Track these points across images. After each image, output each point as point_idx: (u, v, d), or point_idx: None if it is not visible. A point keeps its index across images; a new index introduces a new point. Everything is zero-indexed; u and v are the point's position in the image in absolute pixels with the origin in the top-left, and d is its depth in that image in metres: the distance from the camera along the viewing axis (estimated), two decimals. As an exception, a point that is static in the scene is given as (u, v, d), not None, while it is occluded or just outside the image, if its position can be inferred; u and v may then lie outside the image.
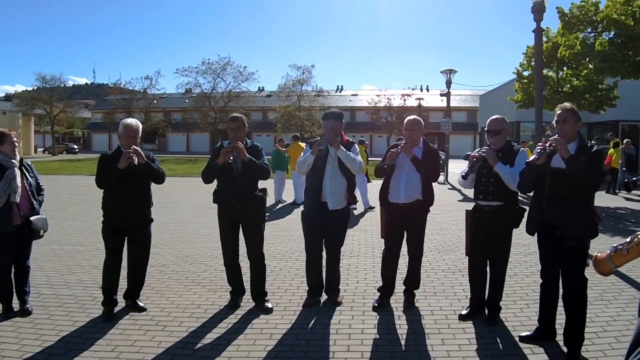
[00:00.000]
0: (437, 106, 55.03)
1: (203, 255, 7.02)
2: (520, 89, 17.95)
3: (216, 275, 5.87)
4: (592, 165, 3.53)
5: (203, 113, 53.14)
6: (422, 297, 5.06)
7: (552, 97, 16.63)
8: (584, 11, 15.25)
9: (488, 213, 4.31)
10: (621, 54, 13.14)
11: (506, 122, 4.42)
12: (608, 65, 13.35)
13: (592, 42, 14.54)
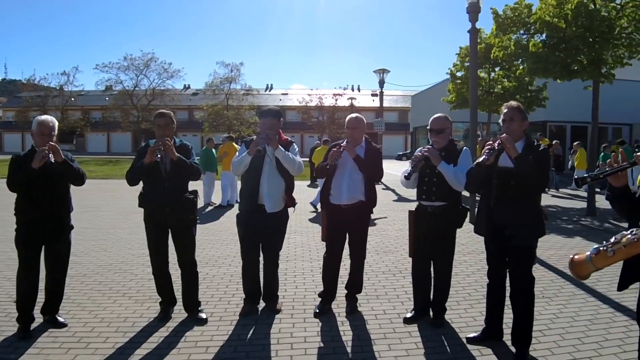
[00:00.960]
0: (368, 106, 56.19)
1: (128, 263, 6.65)
2: (454, 90, 18.62)
3: (143, 284, 5.56)
4: (539, 164, 3.62)
5: (125, 111, 51.06)
6: (364, 301, 5.05)
7: (484, 97, 17.41)
8: (517, 13, 16.05)
9: (431, 213, 4.36)
10: (553, 56, 13.95)
11: (449, 120, 4.49)
12: (541, 66, 14.12)
13: (525, 44, 15.34)
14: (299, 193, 15.25)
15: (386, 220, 10.58)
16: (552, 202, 14.55)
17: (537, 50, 13.94)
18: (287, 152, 4.57)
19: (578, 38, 13.68)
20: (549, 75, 14.54)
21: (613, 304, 4.97)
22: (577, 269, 1.17)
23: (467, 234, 4.28)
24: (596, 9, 14.24)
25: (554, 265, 6.62)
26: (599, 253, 1.17)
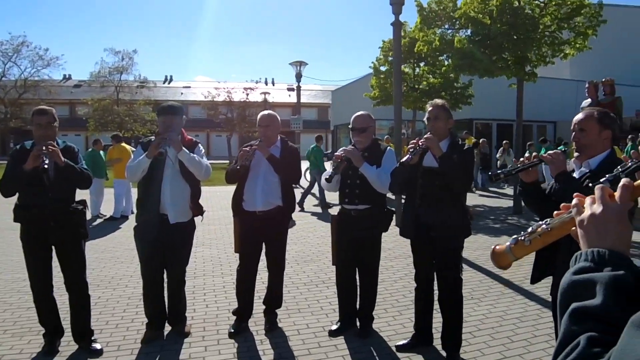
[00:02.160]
0: (284, 102, 56.38)
1: (0, 290, 6.25)
2: (377, 85, 19.22)
3: (21, 314, 5.27)
4: (464, 163, 3.90)
5: (-13, 107, 47.65)
6: (285, 315, 5.14)
7: (409, 94, 18.13)
8: (442, 7, 16.88)
9: (355, 217, 4.51)
10: (479, 52, 14.83)
11: (372, 118, 4.68)
12: (466, 63, 14.97)
13: (450, 39, 16.16)
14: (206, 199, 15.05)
15: (307, 226, 10.73)
16: (479, 201, 15.43)
17: (462, 47, 14.77)
18: (192, 154, 4.52)
19: (503, 35, 14.66)
20: (474, 72, 15.45)
21: (540, 301, 5.43)
22: (498, 259, 1.28)
23: (393, 237, 4.49)
24: (521, 6, 15.35)
25: (482, 266, 7.06)
26: (517, 243, 1.24)
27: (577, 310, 0.94)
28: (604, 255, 0.99)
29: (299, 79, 22.93)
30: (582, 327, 0.91)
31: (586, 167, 2.92)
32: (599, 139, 2.90)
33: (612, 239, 1.02)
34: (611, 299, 0.92)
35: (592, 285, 0.95)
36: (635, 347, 0.76)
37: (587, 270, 0.99)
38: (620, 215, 1.04)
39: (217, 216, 11.91)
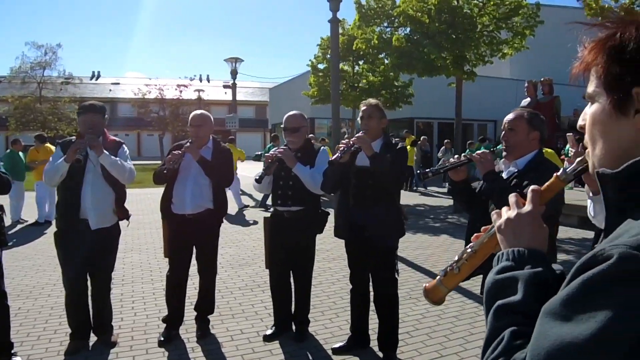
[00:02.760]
0: (220, 99, 55.83)
1: None
2: (315, 83, 19.40)
3: None
4: (396, 163, 4.04)
5: None
6: (218, 321, 5.16)
7: (348, 92, 18.42)
8: (381, 4, 17.23)
9: (288, 219, 4.60)
10: (417, 51, 15.24)
11: (305, 118, 4.78)
12: (405, 62, 15.36)
13: (388, 37, 16.52)
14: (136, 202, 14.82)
15: (242, 229, 10.75)
16: (420, 200, 15.86)
17: (401, 45, 15.16)
18: (114, 157, 4.47)
19: (441, 34, 15.15)
20: (413, 71, 15.90)
21: (478, 299, 5.69)
22: (431, 295, 1.34)
23: (332, 239, 4.63)
24: (459, 6, 15.90)
25: (420, 265, 7.32)
26: (446, 274, 1.31)
27: (501, 307, 1.03)
28: (524, 254, 1.10)
29: (235, 76, 22.84)
30: (506, 322, 1.00)
31: (514, 167, 3.09)
32: (528, 139, 3.08)
33: (528, 239, 1.13)
34: (531, 294, 1.02)
35: (515, 282, 1.05)
36: (548, 333, 0.85)
37: (508, 269, 1.08)
38: (533, 217, 1.16)
39: (148, 220, 11.73)
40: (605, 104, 1.02)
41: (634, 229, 0.88)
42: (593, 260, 0.86)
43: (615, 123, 1.01)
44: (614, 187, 1.00)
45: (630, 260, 0.81)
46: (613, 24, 1.02)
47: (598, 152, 1.06)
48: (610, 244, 0.86)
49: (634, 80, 0.96)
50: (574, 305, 0.84)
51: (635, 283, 0.80)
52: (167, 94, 49.75)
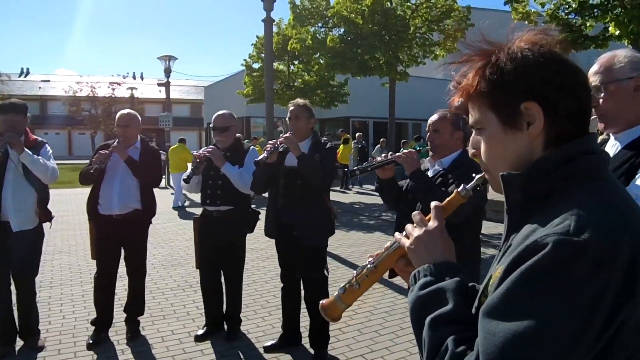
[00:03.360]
0: (154, 98, 54.71)
1: None
2: (250, 82, 19.37)
3: None
4: (325, 163, 4.10)
5: None
6: (148, 323, 5.13)
7: (283, 92, 18.51)
8: (315, 5, 17.37)
9: (217, 219, 4.61)
10: (351, 52, 15.48)
11: (234, 118, 4.79)
12: (339, 62, 15.57)
13: (323, 37, 16.70)
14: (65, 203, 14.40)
15: (175, 229, 10.63)
16: (355, 198, 16.10)
17: (335, 46, 15.36)
18: (36, 156, 4.35)
19: (375, 35, 15.46)
20: (347, 71, 16.14)
21: (409, 293, 5.87)
22: (329, 312, 1.32)
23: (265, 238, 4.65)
24: (392, 8, 16.26)
25: (354, 263, 7.46)
26: (346, 291, 1.31)
27: (435, 320, 1.05)
28: (441, 267, 1.15)
29: (168, 75, 22.45)
30: (445, 332, 1.02)
31: (439, 166, 3.21)
32: (452, 139, 3.20)
33: (441, 253, 1.19)
34: (461, 301, 1.06)
35: (442, 294, 1.08)
36: (496, 331, 0.88)
37: (431, 283, 1.12)
38: (441, 231, 1.22)
39: (77, 221, 11.41)
40: (497, 125, 1.10)
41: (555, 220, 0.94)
42: (526, 252, 0.91)
43: (512, 139, 1.09)
44: (519, 187, 1.07)
45: (565, 245, 0.88)
46: (482, 54, 1.12)
47: (501, 169, 1.11)
48: (540, 234, 0.92)
49: (520, 98, 1.05)
50: (517, 299, 0.89)
51: (572, 267, 0.86)
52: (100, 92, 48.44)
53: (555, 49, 1.09)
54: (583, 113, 1.08)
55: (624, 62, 2.04)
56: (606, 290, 0.86)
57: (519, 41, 1.10)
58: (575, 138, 1.06)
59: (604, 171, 1.07)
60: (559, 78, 1.05)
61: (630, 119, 2.05)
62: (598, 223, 0.90)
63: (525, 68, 1.05)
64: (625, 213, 0.96)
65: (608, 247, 0.87)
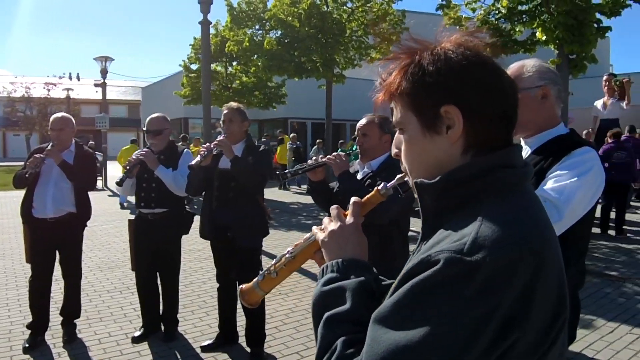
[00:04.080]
0: (91, 98, 53.06)
1: None
2: (188, 84, 19.18)
3: None
4: (258, 165, 4.16)
5: None
6: (85, 325, 5.08)
7: (221, 93, 18.41)
8: (252, 7, 17.37)
9: (152, 221, 4.62)
10: (288, 54, 15.57)
11: (167, 121, 4.81)
12: (276, 64, 15.64)
13: (260, 40, 16.72)
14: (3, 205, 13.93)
15: (112, 231, 10.46)
16: (293, 198, 16.21)
17: (272, 48, 15.44)
18: None
19: (311, 38, 15.62)
20: (284, 73, 16.24)
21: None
22: (247, 297, 1.34)
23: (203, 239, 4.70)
24: (328, 11, 16.46)
25: (291, 262, 7.55)
26: (264, 278, 1.31)
27: (331, 318, 1.03)
28: (348, 264, 1.11)
29: (104, 75, 21.96)
30: (337, 332, 1.00)
31: (369, 168, 3.29)
32: (380, 142, 3.28)
33: (351, 250, 1.15)
34: (359, 302, 1.03)
35: (342, 292, 1.06)
36: (381, 339, 0.87)
37: (334, 280, 1.09)
38: (355, 228, 1.19)
39: (12, 224, 11.07)
40: (417, 127, 1.05)
41: (455, 235, 0.92)
42: (420, 266, 0.89)
43: (430, 142, 1.04)
44: (431, 196, 1.04)
45: (455, 264, 0.85)
46: (408, 53, 1.07)
47: (418, 172, 1.09)
48: (435, 250, 0.90)
49: (440, 100, 1.00)
50: (405, 311, 0.87)
51: (461, 286, 0.84)
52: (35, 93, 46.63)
53: (481, 52, 1.05)
54: (506, 119, 1.04)
55: (532, 72, 2.17)
56: (496, 310, 0.84)
57: (446, 42, 1.05)
58: (498, 144, 1.02)
59: (521, 185, 1.03)
60: (481, 82, 1.01)
61: (539, 124, 2.19)
62: (496, 243, 0.87)
63: (447, 70, 1.00)
64: (531, 233, 0.92)
65: (502, 268, 0.85)
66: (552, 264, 0.94)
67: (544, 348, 0.93)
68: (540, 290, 0.89)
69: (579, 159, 2.05)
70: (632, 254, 7.98)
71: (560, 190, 1.96)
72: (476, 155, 1.02)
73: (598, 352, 4.49)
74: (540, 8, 9.09)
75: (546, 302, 0.91)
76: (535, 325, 0.89)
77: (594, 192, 2.05)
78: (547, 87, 2.17)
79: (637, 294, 6.12)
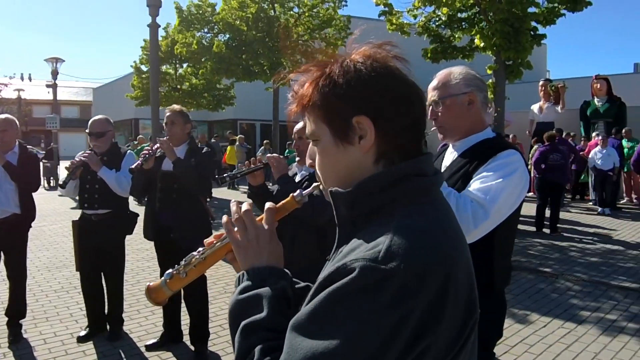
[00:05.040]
0: (43, 99, 51.11)
1: None
2: (139, 85, 18.76)
3: None
4: (200, 167, 4.08)
5: None
6: (31, 325, 4.91)
7: (171, 94, 18.08)
8: (201, 11, 17.10)
9: (96, 222, 4.47)
10: (236, 57, 15.41)
11: (110, 123, 4.66)
12: (224, 67, 15.45)
13: (209, 43, 16.49)
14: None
15: (61, 231, 10.10)
16: (243, 198, 16.06)
17: (220, 51, 15.26)
18: None
19: (259, 42, 15.51)
20: (232, 75, 16.10)
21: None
22: (154, 296, 1.25)
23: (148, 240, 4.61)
24: (275, 16, 16.38)
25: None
26: (172, 277, 1.24)
27: (248, 326, 1.00)
28: (264, 272, 1.07)
29: (55, 76, 21.25)
30: (254, 340, 0.97)
31: (306, 171, 3.24)
32: None
33: (266, 257, 1.10)
34: (276, 309, 1.00)
35: (259, 300, 1.02)
36: (299, 346, 0.85)
37: (250, 288, 1.05)
38: (270, 235, 1.13)
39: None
40: (329, 138, 1.03)
41: (369, 243, 0.90)
42: (336, 274, 0.88)
43: (343, 152, 1.02)
44: (345, 205, 1.02)
45: (370, 272, 0.84)
46: (319, 66, 1.05)
47: (332, 181, 1.07)
48: (350, 258, 0.88)
49: (352, 111, 0.99)
50: (321, 319, 0.86)
51: (377, 293, 0.83)
52: (-15, 93, 44.71)
53: (389, 64, 1.03)
54: (416, 128, 1.03)
55: (459, 79, 2.16)
56: (410, 317, 0.84)
57: (355, 54, 1.04)
58: (409, 153, 1.02)
59: (433, 193, 1.03)
60: (391, 93, 1.00)
61: (466, 129, 2.19)
62: (409, 251, 0.86)
63: (357, 81, 0.99)
64: (441, 241, 0.92)
65: (415, 275, 0.85)
66: (462, 270, 0.94)
67: (454, 351, 0.93)
68: (452, 296, 0.89)
69: (504, 161, 2.06)
70: (565, 251, 8.13)
71: (486, 191, 1.97)
72: (388, 164, 1.01)
73: (531, 347, 4.52)
74: (479, 16, 9.17)
75: (457, 307, 0.91)
76: (446, 331, 0.89)
77: (519, 192, 2.06)
78: (474, 93, 2.17)
79: (569, 289, 6.22)
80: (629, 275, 6.75)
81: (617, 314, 5.36)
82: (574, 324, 5.04)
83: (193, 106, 18.78)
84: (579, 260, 7.56)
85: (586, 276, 6.65)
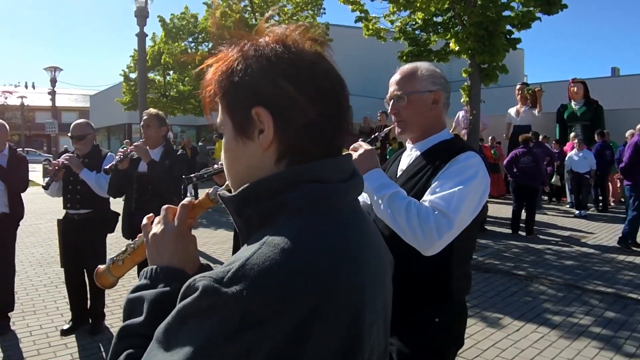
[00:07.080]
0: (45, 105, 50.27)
1: None
2: (128, 91, 18.43)
3: None
4: (174, 169, 3.91)
5: None
6: (20, 318, 4.70)
7: (159, 100, 17.73)
8: (184, 22, 16.78)
9: (78, 222, 4.28)
10: (217, 65, 15.20)
11: (91, 126, 4.47)
12: (208, 73, 15.24)
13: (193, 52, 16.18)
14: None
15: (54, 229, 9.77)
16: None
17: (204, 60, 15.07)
18: None
19: (241, 50, 15.32)
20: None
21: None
22: (100, 280, 1.18)
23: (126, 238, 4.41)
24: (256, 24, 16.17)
25: (218, 259, 7.22)
26: (113, 263, 1.16)
27: (124, 329, 0.87)
28: (159, 273, 0.92)
29: (54, 84, 20.87)
30: (126, 344, 0.84)
31: None
32: None
33: (168, 257, 0.94)
34: (155, 315, 0.84)
35: (141, 303, 0.88)
36: (152, 358, 0.72)
37: (143, 287, 0.91)
38: (177, 233, 0.96)
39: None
40: (231, 130, 0.84)
41: (235, 256, 0.74)
42: (187, 290, 0.72)
43: (243, 148, 0.83)
44: (233, 209, 0.85)
45: (210, 294, 0.68)
46: (223, 52, 0.86)
47: (233, 180, 0.89)
48: (202, 275, 0.72)
49: (251, 102, 0.80)
50: (170, 334, 0.71)
51: (209, 319, 0.68)
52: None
53: (303, 51, 0.83)
54: (319, 130, 0.82)
55: (426, 76, 1.92)
56: (253, 351, 0.67)
57: (267, 36, 0.84)
58: (313, 155, 0.81)
59: (334, 202, 0.81)
60: (293, 83, 0.79)
61: (426, 128, 1.96)
62: (263, 274, 0.68)
63: (256, 69, 0.80)
64: (315, 265, 0.71)
65: (264, 306, 0.67)
66: (348, 300, 0.74)
67: None
68: (318, 332, 0.69)
69: (464, 164, 1.81)
70: (540, 254, 7.40)
71: (448, 199, 1.72)
72: (290, 164, 0.81)
73: (503, 351, 4.08)
74: (454, 20, 8.71)
75: (329, 345, 0.71)
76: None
77: (480, 197, 1.81)
78: (439, 92, 1.93)
79: (542, 293, 5.60)
80: (604, 279, 6.04)
81: (592, 319, 4.80)
82: (548, 329, 4.53)
83: (180, 111, 18.47)
84: (554, 263, 6.84)
85: (561, 280, 6.00)
